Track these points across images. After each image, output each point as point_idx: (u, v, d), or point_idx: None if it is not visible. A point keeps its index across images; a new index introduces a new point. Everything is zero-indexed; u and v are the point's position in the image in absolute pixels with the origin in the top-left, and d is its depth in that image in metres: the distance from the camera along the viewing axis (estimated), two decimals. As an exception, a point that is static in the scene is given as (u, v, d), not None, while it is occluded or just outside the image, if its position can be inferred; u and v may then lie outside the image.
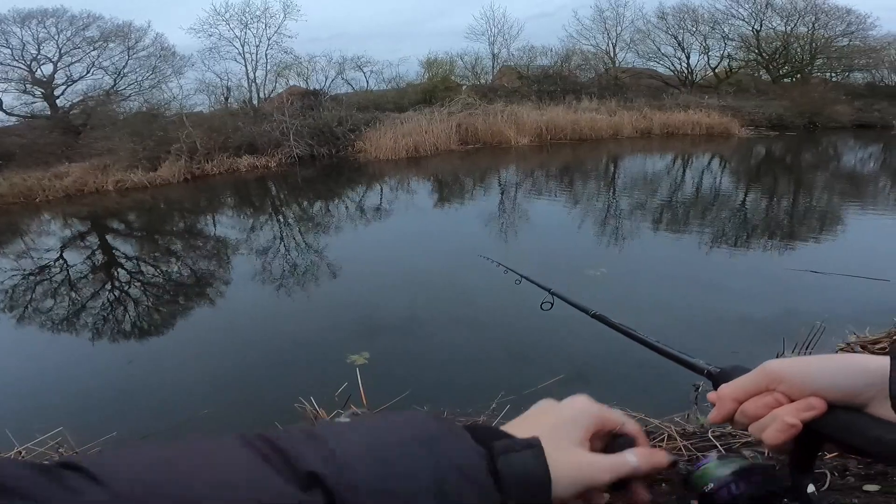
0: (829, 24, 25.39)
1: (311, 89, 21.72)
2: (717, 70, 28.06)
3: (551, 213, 8.94)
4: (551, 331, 4.02)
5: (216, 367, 4.10)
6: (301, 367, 3.95)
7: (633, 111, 19.53)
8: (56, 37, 20.01)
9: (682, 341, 3.99)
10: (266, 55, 22.73)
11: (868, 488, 1.47)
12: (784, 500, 0.45)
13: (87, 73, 20.69)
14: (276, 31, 22.64)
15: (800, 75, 26.55)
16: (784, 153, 16.58)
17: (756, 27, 26.58)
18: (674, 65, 28.25)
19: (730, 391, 0.47)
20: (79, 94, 20.70)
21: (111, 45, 20.90)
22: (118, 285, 6.73)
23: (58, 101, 20.39)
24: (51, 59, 20.07)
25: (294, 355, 4.17)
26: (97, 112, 18.35)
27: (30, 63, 19.77)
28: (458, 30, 49.27)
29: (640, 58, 28.54)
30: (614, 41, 28.14)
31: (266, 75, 23.02)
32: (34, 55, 19.79)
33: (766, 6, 25.87)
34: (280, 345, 4.37)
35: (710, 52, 27.68)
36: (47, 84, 20.09)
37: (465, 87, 23.12)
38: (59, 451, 2.74)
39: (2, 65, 19.22)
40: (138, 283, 6.74)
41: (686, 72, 28.10)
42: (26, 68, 19.73)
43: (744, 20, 26.62)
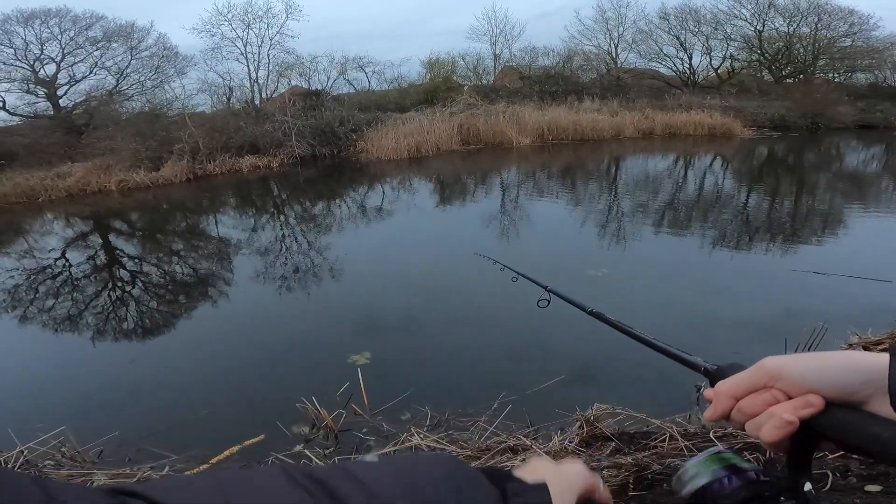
0: (832, 24, 25.39)
1: (313, 89, 21.76)
2: (719, 70, 28.05)
3: (553, 214, 8.93)
4: (552, 330, 4.02)
5: (218, 367, 4.11)
6: (302, 367, 3.95)
7: (634, 112, 19.50)
8: (59, 37, 20.12)
9: (684, 342, 3.96)
10: (268, 55, 22.84)
11: (870, 489, 1.46)
12: (781, 498, 0.44)
13: (90, 73, 20.82)
14: (278, 31, 22.76)
15: (802, 76, 26.51)
16: (786, 154, 16.54)
17: (759, 27, 26.58)
18: (676, 65, 28.27)
19: (727, 388, 0.47)
20: (81, 94, 20.83)
21: (114, 45, 21.02)
22: (120, 285, 6.74)
23: (61, 101, 20.48)
24: (54, 59, 20.17)
25: (295, 355, 4.17)
26: (100, 112, 18.40)
27: (33, 63, 19.86)
28: (459, 30, 49.26)
29: (642, 58, 28.60)
30: (616, 41, 28.21)
31: (268, 75, 23.14)
32: (37, 55, 19.89)
33: (769, 6, 25.87)
34: (281, 345, 4.37)
35: (712, 53, 27.73)
36: (50, 84, 20.17)
37: (466, 87, 23.13)
38: (61, 450, 2.75)
39: (5, 65, 19.35)
40: (140, 283, 6.76)
41: (688, 72, 28.08)
42: (29, 68, 19.82)
43: (746, 21, 26.64)
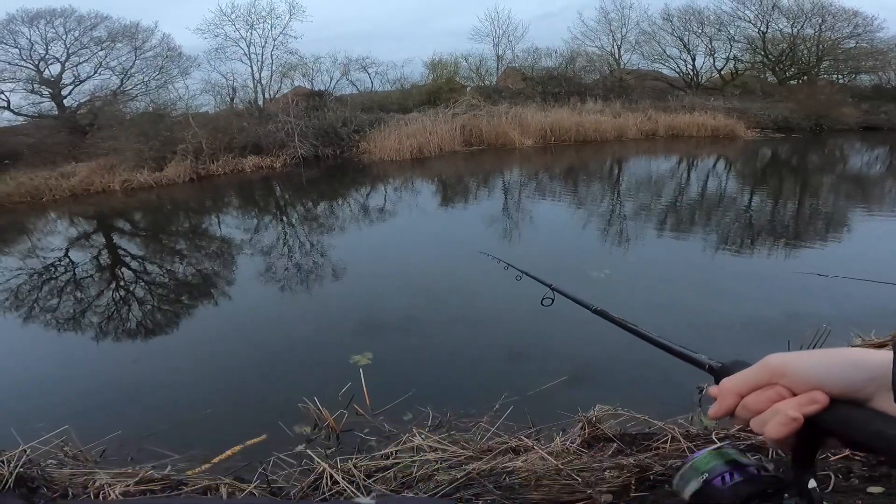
0: (836, 25, 25.31)
1: (316, 90, 21.76)
2: (722, 72, 27.98)
3: (555, 215, 8.92)
4: (554, 330, 4.02)
5: (220, 367, 4.12)
6: (304, 368, 3.95)
7: (637, 113, 19.47)
8: (64, 37, 20.20)
9: (687, 342, 3.94)
10: (271, 56, 22.86)
11: (872, 490, 1.46)
12: (785, 495, 0.44)
13: (95, 73, 20.88)
14: (281, 32, 22.78)
15: (806, 77, 26.43)
16: (790, 155, 16.49)
17: (762, 29, 26.51)
18: (679, 66, 28.21)
19: (731, 385, 0.47)
20: (86, 93, 20.92)
21: (118, 45, 21.10)
22: (123, 285, 6.76)
23: (65, 101, 20.56)
24: (58, 59, 20.26)
25: (297, 355, 4.17)
26: (104, 112, 18.46)
27: (38, 63, 19.95)
28: (462, 31, 49.22)
29: (645, 59, 28.54)
30: (619, 43, 28.16)
31: (271, 76, 23.15)
32: (42, 55, 19.98)
33: (773, 8, 25.81)
34: (283, 345, 4.38)
35: (715, 54, 27.65)
36: (55, 84, 20.24)
37: (469, 88, 23.10)
38: (64, 449, 2.75)
39: (10, 64, 19.42)
40: (143, 283, 6.77)
41: (691, 73, 28.03)
42: (34, 68, 19.90)
43: (750, 22, 26.57)
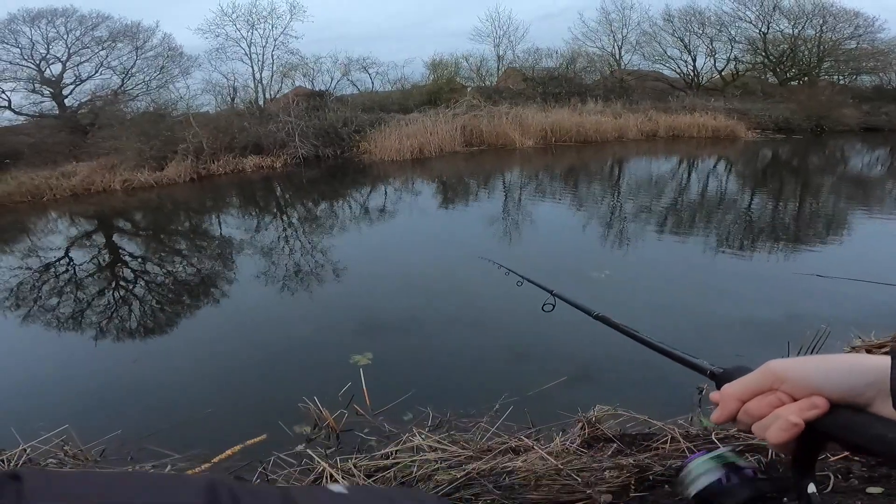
0: (837, 26, 25.31)
1: (317, 90, 21.77)
2: (723, 73, 27.98)
3: (555, 216, 8.93)
4: (554, 332, 4.02)
5: (220, 367, 4.12)
6: (304, 367, 3.96)
7: (638, 114, 19.48)
8: (65, 36, 20.22)
9: (687, 344, 3.95)
10: (272, 56, 22.85)
11: (871, 490, 1.46)
12: (784, 499, 0.45)
13: (96, 72, 20.90)
14: (282, 32, 22.77)
15: (807, 78, 26.43)
16: (791, 156, 16.49)
17: (763, 30, 26.52)
18: (680, 67, 28.21)
19: (733, 391, 0.48)
20: (87, 93, 20.93)
21: (119, 44, 21.11)
22: (124, 285, 6.77)
23: (66, 101, 20.57)
24: (59, 59, 20.27)
25: (297, 355, 4.18)
26: (105, 112, 18.48)
27: (39, 62, 19.97)
28: (463, 31, 49.26)
29: (646, 60, 28.53)
30: (620, 43, 28.14)
31: (272, 76, 23.13)
32: (43, 55, 20.00)
33: (774, 9, 25.81)
34: (284, 345, 4.39)
35: (716, 55, 27.65)
36: (56, 83, 20.26)
37: (469, 88, 23.11)
38: (64, 448, 2.76)
39: (11, 64, 19.44)
40: (144, 283, 6.78)
41: (692, 74, 28.02)
42: (35, 68, 19.92)
43: (751, 23, 26.58)
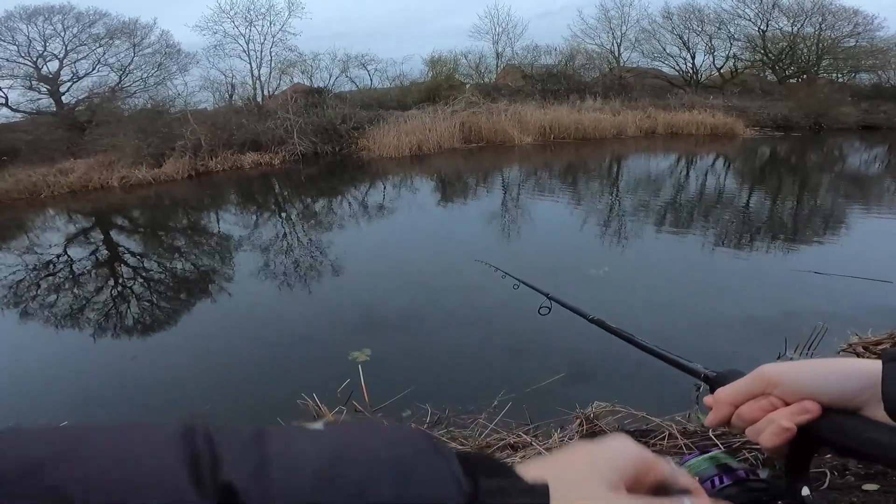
0: (836, 24, 25.32)
1: (315, 87, 21.74)
2: (722, 70, 27.99)
3: (554, 213, 8.93)
4: (552, 330, 4.02)
5: (218, 364, 4.13)
6: (303, 364, 3.96)
7: (637, 111, 19.49)
8: (62, 33, 20.14)
9: (684, 341, 3.99)
10: (270, 52, 22.85)
11: (867, 487, 1.47)
12: (779, 502, 0.45)
13: (93, 69, 20.85)
14: (280, 29, 22.76)
15: (806, 76, 26.45)
16: (789, 154, 16.51)
17: (762, 27, 26.51)
18: (679, 65, 28.22)
19: (726, 395, 0.48)
20: (84, 90, 20.86)
21: (117, 42, 21.05)
22: (122, 282, 6.76)
23: (63, 98, 20.50)
24: (57, 56, 20.19)
25: (296, 352, 4.18)
26: (102, 109, 18.43)
27: (36, 59, 19.89)
28: (462, 29, 49.27)
29: (645, 57, 28.54)
30: (619, 41, 28.15)
31: (270, 73, 23.14)
32: (40, 52, 19.92)
33: (773, 6, 25.81)
34: (282, 341, 4.39)
35: (715, 53, 27.66)
36: (53, 81, 20.19)
37: (468, 85, 23.10)
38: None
39: (8, 61, 19.37)
40: (142, 280, 6.77)
41: (691, 72, 28.02)
42: (32, 65, 19.85)
43: (750, 20, 26.58)
